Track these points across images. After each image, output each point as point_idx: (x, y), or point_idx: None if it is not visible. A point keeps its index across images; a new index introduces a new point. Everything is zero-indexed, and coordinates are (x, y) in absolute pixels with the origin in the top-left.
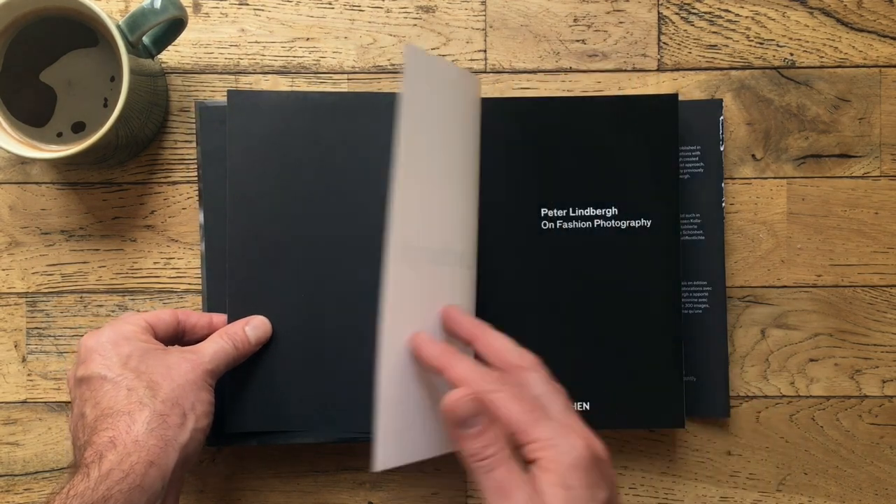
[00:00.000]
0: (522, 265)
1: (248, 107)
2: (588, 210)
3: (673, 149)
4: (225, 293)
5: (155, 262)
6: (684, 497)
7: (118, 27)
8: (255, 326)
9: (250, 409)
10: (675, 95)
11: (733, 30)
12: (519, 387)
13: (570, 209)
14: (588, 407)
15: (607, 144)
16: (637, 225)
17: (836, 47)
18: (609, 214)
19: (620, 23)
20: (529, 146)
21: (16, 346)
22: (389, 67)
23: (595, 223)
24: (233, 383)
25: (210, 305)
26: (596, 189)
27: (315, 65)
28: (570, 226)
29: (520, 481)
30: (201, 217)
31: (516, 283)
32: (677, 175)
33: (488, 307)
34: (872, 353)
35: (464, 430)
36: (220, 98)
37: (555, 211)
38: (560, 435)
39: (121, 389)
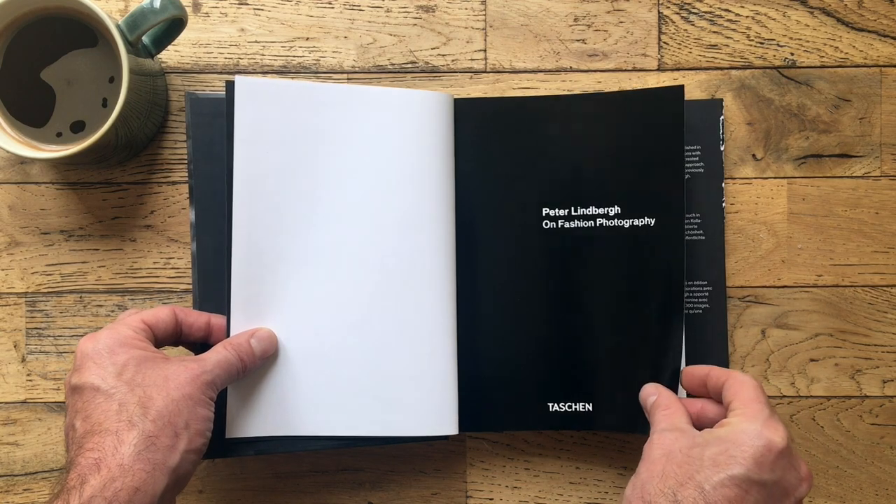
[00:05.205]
0: (524, 265)
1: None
2: (590, 209)
3: (678, 143)
4: (223, 295)
5: (154, 262)
6: None
7: (118, 27)
8: (260, 339)
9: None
10: (681, 87)
11: (734, 29)
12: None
13: (572, 208)
14: (590, 408)
15: (609, 141)
16: (640, 224)
17: (837, 47)
18: (612, 213)
19: (621, 22)
20: (530, 145)
21: (15, 347)
22: (389, 67)
23: (597, 222)
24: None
25: (201, 307)
26: (598, 187)
27: (315, 64)
28: (572, 225)
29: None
30: (192, 215)
31: (517, 284)
32: (682, 170)
33: (489, 307)
34: (873, 353)
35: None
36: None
37: (556, 210)
38: (757, 418)
39: (112, 403)
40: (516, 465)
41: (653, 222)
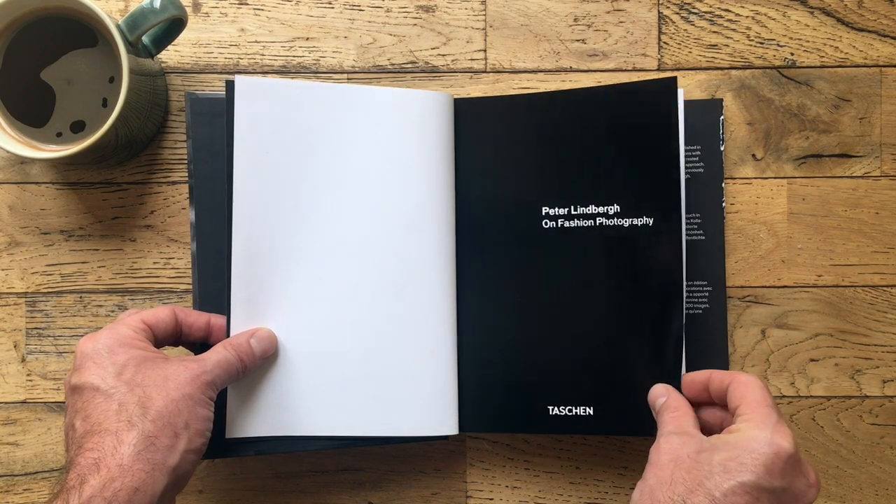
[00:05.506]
0: (524, 265)
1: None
2: (590, 208)
3: (673, 138)
4: (223, 295)
5: (154, 262)
6: None
7: (118, 27)
8: (260, 339)
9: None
10: (673, 79)
11: (734, 29)
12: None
13: (572, 207)
14: (591, 412)
15: (606, 138)
16: (640, 223)
17: (837, 47)
18: (612, 212)
19: (621, 22)
20: (530, 143)
21: (15, 347)
22: (389, 67)
23: (597, 221)
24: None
25: (201, 307)
26: (597, 185)
27: (315, 64)
28: (572, 224)
29: (690, 415)
30: (192, 215)
31: (518, 284)
32: (678, 167)
33: (489, 308)
34: (873, 353)
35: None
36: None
37: (556, 209)
38: (766, 423)
39: (112, 403)
40: (516, 465)
41: (651, 222)
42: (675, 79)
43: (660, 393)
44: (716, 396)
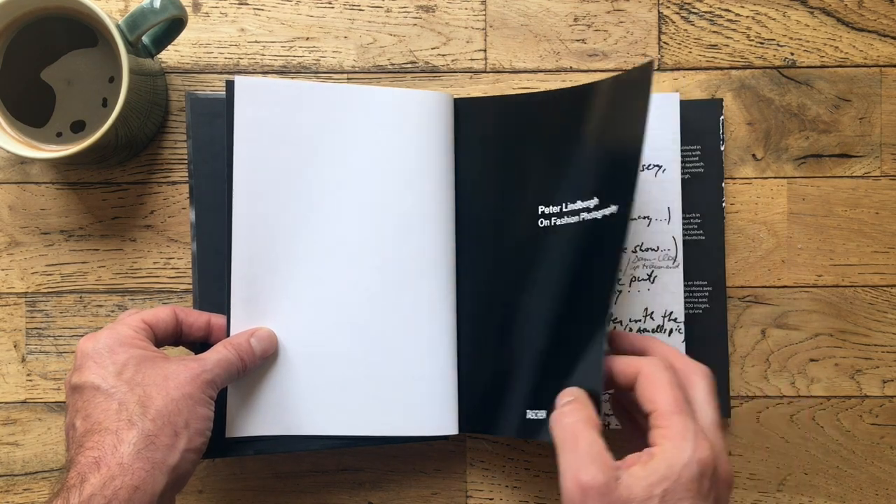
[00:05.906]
0: (523, 265)
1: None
2: (577, 203)
3: (642, 121)
4: (223, 295)
5: (154, 262)
6: None
7: (118, 27)
8: (260, 338)
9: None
10: (650, 63)
11: (734, 29)
12: (682, 385)
13: (563, 205)
14: (544, 415)
15: (591, 132)
16: (609, 213)
17: (837, 47)
18: (592, 206)
19: (621, 22)
20: (527, 142)
21: (15, 347)
22: (389, 67)
23: (581, 216)
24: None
25: (201, 307)
26: (582, 181)
27: (315, 64)
28: (562, 222)
29: (590, 439)
30: (192, 215)
31: (517, 284)
32: (640, 149)
33: (488, 308)
34: (873, 353)
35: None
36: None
37: (550, 208)
38: (686, 438)
39: (112, 403)
40: (516, 465)
41: (616, 209)
42: (651, 62)
43: (569, 393)
44: (624, 388)
